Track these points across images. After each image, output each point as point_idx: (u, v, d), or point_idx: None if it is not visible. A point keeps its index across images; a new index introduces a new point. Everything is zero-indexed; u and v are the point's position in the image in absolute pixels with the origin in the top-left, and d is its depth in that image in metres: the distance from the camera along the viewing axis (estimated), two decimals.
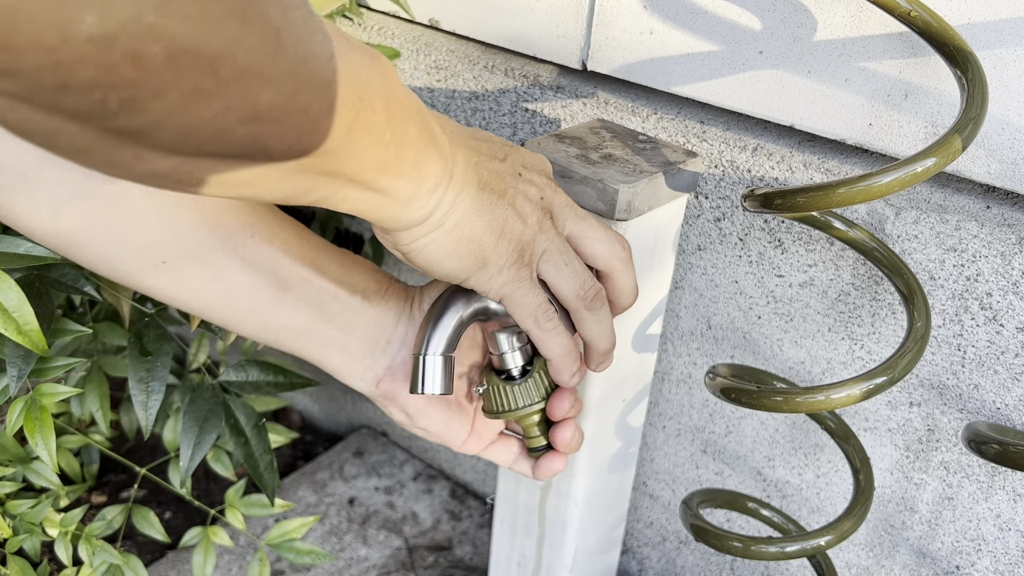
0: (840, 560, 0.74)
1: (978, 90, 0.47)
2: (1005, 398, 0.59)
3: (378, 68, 0.35)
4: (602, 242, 0.49)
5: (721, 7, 0.61)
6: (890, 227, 0.60)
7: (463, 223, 0.43)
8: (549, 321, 0.47)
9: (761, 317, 0.69)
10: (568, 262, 0.47)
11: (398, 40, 0.81)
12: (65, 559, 0.75)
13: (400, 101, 0.37)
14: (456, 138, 0.43)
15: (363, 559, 0.96)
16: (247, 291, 0.49)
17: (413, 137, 0.38)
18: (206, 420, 0.74)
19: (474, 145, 0.45)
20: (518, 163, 0.47)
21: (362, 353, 0.52)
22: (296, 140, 0.30)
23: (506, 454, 0.55)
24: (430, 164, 0.39)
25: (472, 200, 0.43)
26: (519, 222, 0.45)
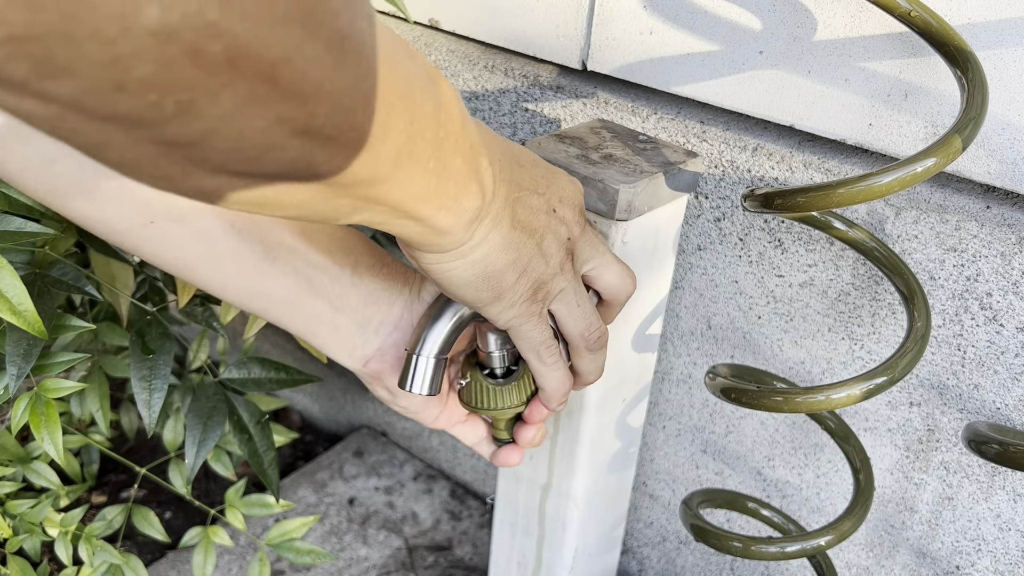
0: (840, 560, 0.74)
1: (978, 90, 0.47)
2: (1005, 398, 0.59)
3: (434, 93, 0.34)
4: (617, 277, 0.50)
5: (721, 7, 0.61)
6: (890, 227, 0.60)
7: (488, 258, 0.42)
8: (551, 356, 0.48)
9: (761, 317, 0.69)
10: (580, 303, 0.48)
11: None
12: (65, 559, 0.75)
13: (451, 131, 0.36)
14: (503, 170, 0.42)
15: (363, 559, 0.96)
16: (233, 257, 0.49)
17: (458, 169, 0.37)
18: (210, 418, 0.74)
19: (517, 177, 0.44)
20: (555, 198, 0.46)
21: (351, 331, 0.52)
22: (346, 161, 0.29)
23: (473, 435, 0.56)
24: (470, 198, 0.39)
25: (502, 237, 0.42)
26: (542, 262, 0.45)
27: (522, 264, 0.44)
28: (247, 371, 0.78)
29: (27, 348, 0.60)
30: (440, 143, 0.35)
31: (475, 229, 0.40)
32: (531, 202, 0.44)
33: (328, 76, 0.25)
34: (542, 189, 0.45)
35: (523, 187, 0.44)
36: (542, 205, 0.45)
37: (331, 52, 0.25)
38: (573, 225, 0.47)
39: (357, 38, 0.26)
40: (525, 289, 0.45)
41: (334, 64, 0.25)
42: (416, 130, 0.32)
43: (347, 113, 0.27)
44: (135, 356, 0.69)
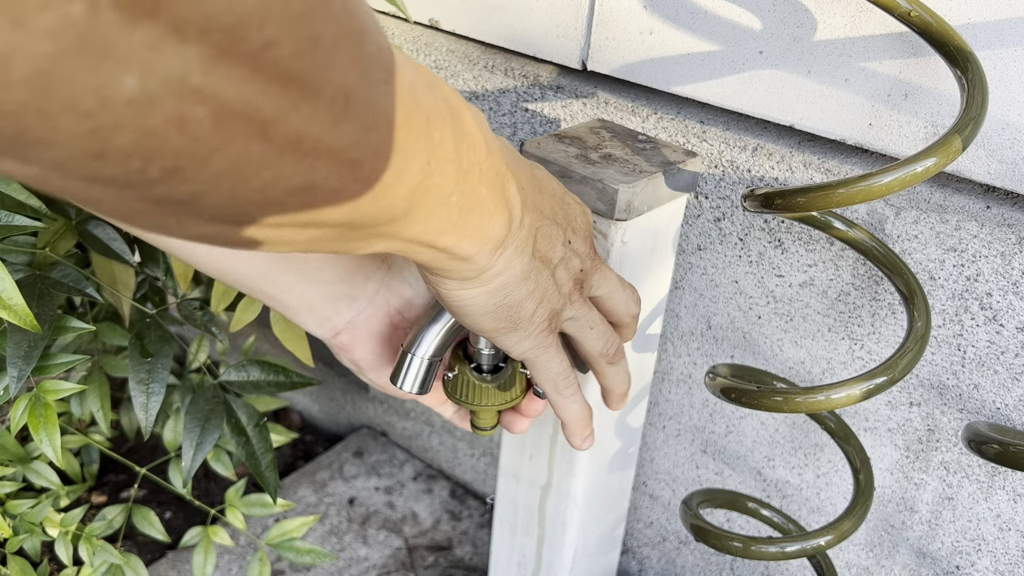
0: (840, 560, 0.74)
1: (978, 90, 0.47)
2: (1005, 398, 0.59)
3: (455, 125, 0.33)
4: (620, 305, 0.50)
5: (721, 7, 0.61)
6: (890, 227, 0.60)
7: (508, 287, 0.41)
8: (569, 388, 0.48)
9: (761, 317, 0.69)
10: (593, 325, 0.48)
11: (398, 40, 0.81)
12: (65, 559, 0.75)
13: (476, 162, 0.34)
14: (528, 196, 0.41)
15: (363, 559, 0.96)
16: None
17: (483, 200, 0.36)
18: (208, 420, 0.74)
19: (541, 204, 0.43)
20: (570, 229, 0.45)
21: (323, 304, 0.51)
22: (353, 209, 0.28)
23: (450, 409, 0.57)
24: (495, 228, 0.37)
25: (523, 267, 0.41)
26: (556, 293, 0.44)
27: (539, 294, 0.43)
28: (246, 373, 0.78)
29: (28, 350, 0.60)
30: (464, 176, 0.34)
31: (498, 256, 0.39)
32: (551, 232, 0.43)
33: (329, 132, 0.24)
34: (560, 219, 0.45)
35: (545, 215, 0.43)
36: (560, 236, 0.44)
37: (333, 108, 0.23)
38: (585, 258, 0.47)
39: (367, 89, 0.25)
40: (541, 320, 0.44)
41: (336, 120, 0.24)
42: (434, 168, 0.31)
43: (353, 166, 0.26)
44: (134, 359, 0.69)
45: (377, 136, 0.26)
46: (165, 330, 0.72)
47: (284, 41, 0.21)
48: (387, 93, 0.26)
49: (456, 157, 0.33)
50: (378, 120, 0.26)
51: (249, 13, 0.19)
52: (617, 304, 0.50)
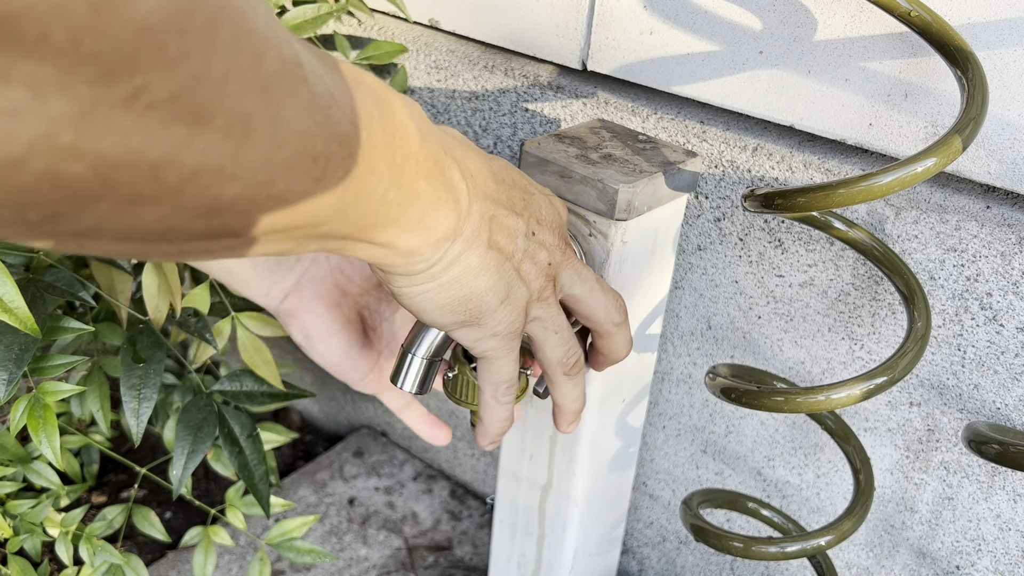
0: (840, 560, 0.74)
1: (978, 90, 0.47)
2: (1005, 398, 0.59)
3: (384, 119, 0.31)
4: (599, 308, 0.47)
5: (721, 7, 0.61)
6: (890, 227, 0.60)
7: (463, 279, 0.39)
8: (508, 396, 0.46)
9: (761, 317, 0.69)
10: (558, 331, 0.46)
11: (398, 40, 0.81)
12: (66, 559, 0.75)
13: (410, 154, 0.33)
14: (476, 184, 0.39)
15: (363, 559, 0.96)
16: None
17: (422, 192, 0.34)
18: (200, 429, 0.73)
19: (494, 193, 0.41)
20: (533, 219, 0.43)
21: (269, 269, 0.50)
22: (273, 222, 0.27)
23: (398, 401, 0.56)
24: (439, 219, 0.36)
25: (479, 258, 0.40)
26: (524, 289, 0.42)
27: (503, 289, 0.41)
28: (239, 383, 0.77)
29: (19, 352, 0.60)
30: (398, 170, 0.32)
31: (447, 248, 0.38)
32: (508, 223, 0.41)
33: (229, 160, 0.22)
34: (519, 208, 0.42)
35: (500, 204, 0.41)
36: (520, 227, 0.42)
37: (230, 137, 0.22)
38: (554, 250, 0.44)
39: (269, 109, 0.23)
40: (510, 320, 0.42)
41: (236, 147, 0.22)
42: (364, 168, 0.30)
43: (262, 186, 0.25)
44: (125, 364, 0.68)
45: (289, 152, 0.25)
46: (158, 336, 0.71)
47: (158, 86, 0.19)
48: (296, 106, 0.25)
49: (388, 153, 0.31)
50: (287, 136, 0.24)
51: (117, 62, 0.18)
52: (595, 308, 0.47)
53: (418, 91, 0.81)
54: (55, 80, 0.17)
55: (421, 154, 0.34)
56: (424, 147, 0.34)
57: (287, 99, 0.24)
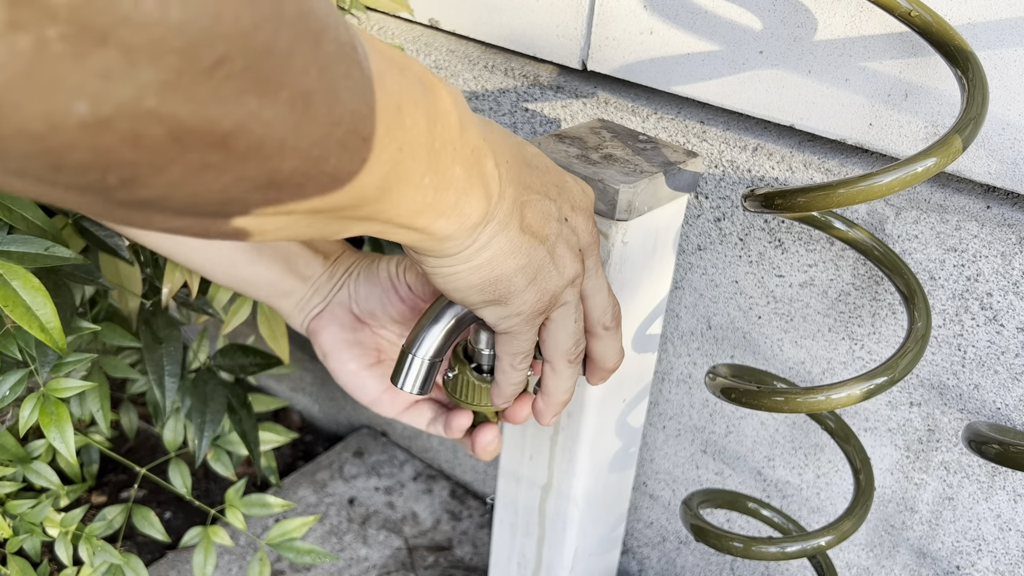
0: (840, 560, 0.74)
1: (978, 90, 0.47)
2: (1005, 398, 0.59)
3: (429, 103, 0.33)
4: (597, 307, 0.49)
5: (721, 7, 0.61)
6: (890, 227, 0.60)
7: (494, 261, 0.41)
8: (524, 363, 0.48)
9: (761, 317, 0.69)
10: (577, 319, 0.47)
11: (398, 40, 0.81)
12: (65, 559, 0.75)
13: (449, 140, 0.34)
14: (510, 170, 0.40)
15: (363, 559, 0.96)
16: (227, 247, 0.51)
17: (457, 178, 0.36)
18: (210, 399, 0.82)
19: (527, 179, 0.42)
20: (567, 205, 0.44)
21: (306, 299, 0.55)
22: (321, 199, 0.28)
23: (421, 419, 0.57)
24: (472, 205, 0.37)
25: (510, 241, 0.41)
26: (555, 272, 0.43)
27: (532, 270, 0.42)
28: (231, 358, 0.86)
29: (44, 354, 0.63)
30: (436, 156, 0.33)
31: (479, 233, 0.39)
32: (542, 207, 0.42)
33: (291, 133, 0.24)
34: (553, 195, 0.44)
35: (533, 189, 0.42)
36: (553, 211, 0.43)
37: (294, 111, 0.23)
38: (584, 234, 0.46)
39: (328, 88, 0.25)
40: (535, 301, 0.43)
41: (297, 122, 0.24)
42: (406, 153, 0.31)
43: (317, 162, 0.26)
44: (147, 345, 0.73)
45: (343, 130, 0.26)
46: (170, 317, 0.76)
47: (237, 56, 0.20)
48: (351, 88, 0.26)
49: (429, 139, 0.33)
50: (342, 115, 0.26)
51: (200, 34, 0.19)
52: (594, 307, 0.48)
53: None
54: (147, 48, 0.18)
55: (459, 141, 0.35)
56: (463, 135, 0.35)
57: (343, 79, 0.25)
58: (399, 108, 0.30)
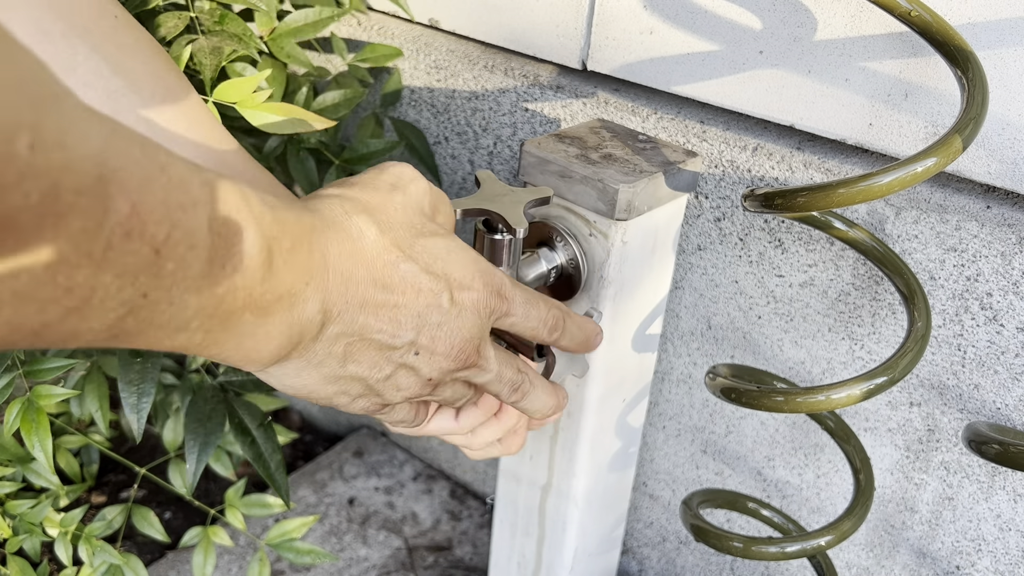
0: (840, 560, 0.74)
1: (978, 90, 0.47)
2: (1005, 398, 0.59)
3: (213, 250, 0.28)
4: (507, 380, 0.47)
5: (721, 7, 0.61)
6: (890, 227, 0.60)
7: (304, 385, 0.39)
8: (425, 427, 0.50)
9: (761, 317, 0.69)
10: (458, 399, 0.46)
11: (398, 40, 0.81)
12: (65, 559, 0.75)
13: (242, 286, 0.30)
14: (346, 315, 0.36)
15: (363, 559, 0.96)
16: None
17: (245, 324, 0.32)
18: (209, 420, 0.73)
19: (364, 322, 0.38)
20: (420, 346, 0.40)
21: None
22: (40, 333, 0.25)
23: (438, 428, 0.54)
24: (261, 351, 0.34)
25: (323, 376, 0.39)
26: (388, 394, 0.42)
27: (353, 392, 0.41)
28: (244, 372, 0.76)
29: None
30: (218, 301, 0.30)
31: (277, 366, 0.37)
32: (370, 356, 0.39)
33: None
34: (399, 338, 0.39)
35: (367, 334, 0.38)
36: (389, 359, 0.40)
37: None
38: (440, 370, 0.42)
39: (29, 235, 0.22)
40: (367, 407, 0.42)
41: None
42: (158, 297, 0.27)
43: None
44: (123, 360, 0.67)
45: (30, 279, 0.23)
46: None
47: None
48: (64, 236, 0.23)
49: (205, 284, 0.29)
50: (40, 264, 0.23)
51: None
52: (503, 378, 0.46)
53: (418, 91, 0.81)
54: None
55: (259, 287, 0.32)
56: (270, 280, 0.32)
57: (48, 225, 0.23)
58: (156, 253, 0.26)
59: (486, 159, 0.79)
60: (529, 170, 0.59)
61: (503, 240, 0.51)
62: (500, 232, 0.51)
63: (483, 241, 0.52)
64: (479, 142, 0.79)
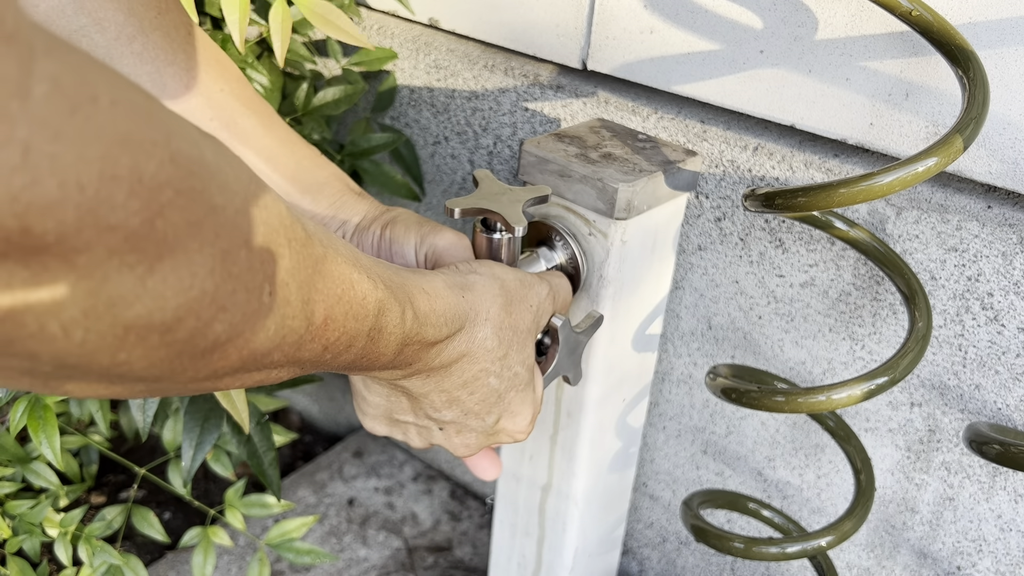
0: (841, 561, 0.74)
1: (979, 89, 0.47)
2: (1006, 398, 0.59)
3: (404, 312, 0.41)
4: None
5: (722, 6, 0.61)
6: (891, 227, 0.59)
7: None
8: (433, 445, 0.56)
9: (762, 317, 0.69)
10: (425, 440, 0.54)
11: (398, 39, 0.80)
12: (65, 559, 0.75)
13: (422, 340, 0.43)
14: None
15: (363, 559, 0.96)
16: None
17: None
18: (207, 419, 0.73)
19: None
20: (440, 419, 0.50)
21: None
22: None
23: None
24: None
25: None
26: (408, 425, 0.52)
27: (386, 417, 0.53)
28: None
29: None
30: (355, 366, 0.39)
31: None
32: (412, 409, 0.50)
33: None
34: (440, 414, 0.49)
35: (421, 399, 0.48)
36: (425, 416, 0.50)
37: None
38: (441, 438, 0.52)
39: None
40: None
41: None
42: (310, 368, 0.36)
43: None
44: None
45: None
46: None
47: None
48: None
49: (351, 361, 0.39)
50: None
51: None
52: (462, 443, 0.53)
53: (418, 90, 0.81)
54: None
55: (383, 360, 0.41)
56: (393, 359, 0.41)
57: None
58: (325, 348, 0.35)
59: (486, 159, 0.79)
60: (529, 169, 0.59)
61: (502, 239, 0.51)
62: (499, 231, 0.51)
63: (482, 240, 0.52)
64: (479, 142, 0.79)
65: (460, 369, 0.46)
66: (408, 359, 0.42)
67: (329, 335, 0.34)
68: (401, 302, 0.39)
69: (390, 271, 0.40)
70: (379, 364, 0.40)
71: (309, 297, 0.31)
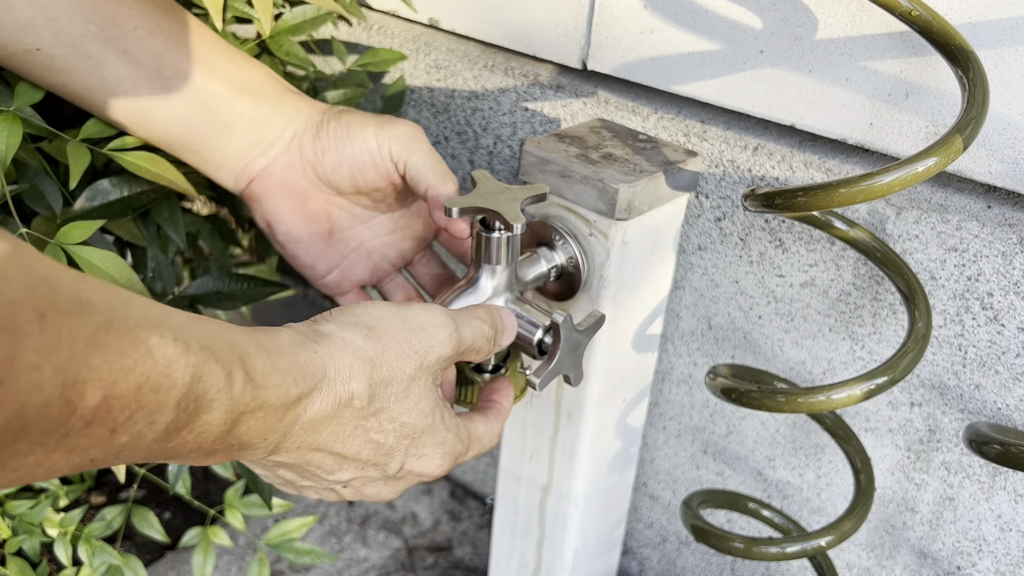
0: (841, 561, 0.74)
1: (979, 89, 0.47)
2: (1006, 398, 0.59)
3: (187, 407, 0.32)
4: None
5: (722, 6, 0.61)
6: (891, 227, 0.59)
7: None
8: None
9: (762, 317, 0.69)
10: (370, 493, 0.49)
11: (398, 39, 0.80)
12: (64, 559, 0.75)
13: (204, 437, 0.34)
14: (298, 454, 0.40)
15: (363, 560, 0.96)
16: (127, 85, 0.48)
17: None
18: None
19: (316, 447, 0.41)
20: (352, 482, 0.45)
21: (239, 154, 0.51)
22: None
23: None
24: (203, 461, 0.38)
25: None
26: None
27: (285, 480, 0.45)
28: (212, 284, 0.66)
29: None
30: (166, 452, 0.33)
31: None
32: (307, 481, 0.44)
33: None
34: (335, 475, 0.43)
35: (307, 467, 0.42)
36: (321, 482, 0.44)
37: None
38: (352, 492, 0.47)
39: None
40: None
41: None
42: (101, 461, 0.30)
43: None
44: None
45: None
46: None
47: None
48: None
49: (156, 444, 0.32)
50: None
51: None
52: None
53: (418, 90, 0.81)
54: None
55: (211, 444, 0.34)
56: (225, 439, 0.35)
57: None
58: (112, 430, 0.29)
59: (486, 159, 0.79)
60: (529, 170, 0.59)
61: (501, 237, 0.51)
62: (498, 230, 0.51)
63: (481, 239, 0.52)
64: (479, 142, 0.79)
65: (333, 432, 0.40)
66: (259, 431, 0.36)
67: (116, 415, 0.28)
68: (226, 363, 0.33)
69: (215, 328, 0.34)
70: (210, 437, 0.33)
71: (75, 378, 0.26)
